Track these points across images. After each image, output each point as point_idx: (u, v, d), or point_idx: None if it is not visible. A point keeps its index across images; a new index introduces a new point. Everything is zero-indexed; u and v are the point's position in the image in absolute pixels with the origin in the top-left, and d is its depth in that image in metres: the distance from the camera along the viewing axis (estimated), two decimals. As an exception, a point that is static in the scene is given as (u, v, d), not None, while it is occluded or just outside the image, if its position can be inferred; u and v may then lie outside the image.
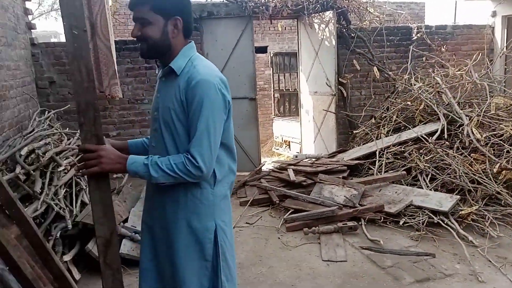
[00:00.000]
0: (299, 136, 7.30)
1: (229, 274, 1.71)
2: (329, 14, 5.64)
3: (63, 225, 3.37)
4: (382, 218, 4.01)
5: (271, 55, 9.90)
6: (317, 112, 6.19)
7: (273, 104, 10.21)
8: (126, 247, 3.40)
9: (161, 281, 1.74)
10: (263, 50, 10.01)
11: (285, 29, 8.29)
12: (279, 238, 3.83)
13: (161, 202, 1.66)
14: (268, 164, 6.34)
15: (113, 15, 5.40)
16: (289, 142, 9.13)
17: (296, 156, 5.85)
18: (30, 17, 5.26)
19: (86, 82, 1.45)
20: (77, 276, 3.21)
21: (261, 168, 5.67)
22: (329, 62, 5.80)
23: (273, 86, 10.05)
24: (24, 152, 3.27)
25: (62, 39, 9.13)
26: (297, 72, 9.89)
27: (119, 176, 4.60)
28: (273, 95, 10.11)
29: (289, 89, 10.11)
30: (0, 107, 3.76)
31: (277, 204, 4.50)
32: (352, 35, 6.00)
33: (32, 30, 5.28)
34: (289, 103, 10.11)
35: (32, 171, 3.24)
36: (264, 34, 10.72)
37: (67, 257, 3.12)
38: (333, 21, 5.58)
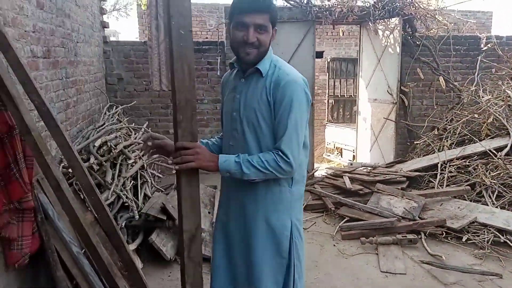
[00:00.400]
0: (353, 143, 7.18)
1: (301, 272, 1.74)
2: (394, 20, 5.51)
3: (128, 215, 3.53)
4: (444, 233, 3.86)
5: (328, 60, 9.81)
6: (376, 120, 6.06)
7: (326, 110, 10.10)
8: (186, 242, 3.50)
9: (232, 278, 1.78)
10: (319, 55, 9.93)
11: (342, 35, 8.18)
12: (334, 245, 3.79)
13: (240, 200, 1.70)
14: (321, 170, 6.28)
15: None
16: (341, 149, 8.99)
17: (351, 164, 5.75)
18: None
19: (187, 81, 1.50)
20: (140, 265, 3.34)
21: (313, 173, 5.63)
22: (392, 69, 5.66)
23: (328, 91, 9.95)
24: (97, 143, 3.46)
25: (121, 38, 9.46)
26: (353, 78, 9.79)
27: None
28: (327, 100, 10.00)
29: (344, 95, 9.97)
30: (77, 100, 4.01)
31: (331, 211, 4.45)
32: (417, 43, 5.83)
33: (104, 28, 5.59)
34: (343, 110, 9.97)
35: (104, 162, 3.42)
36: (321, 39, 10.64)
37: (131, 246, 3.26)
38: (398, 28, 5.45)
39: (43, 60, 3.07)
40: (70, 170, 3.01)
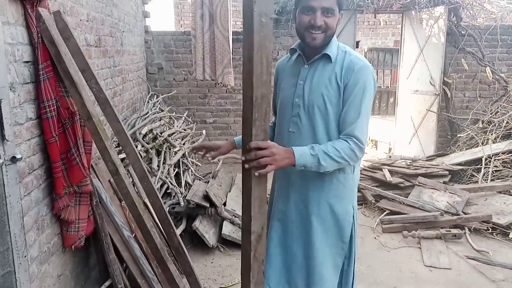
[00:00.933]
0: (389, 135, 7.03)
1: (356, 253, 1.77)
2: (439, 9, 5.33)
3: (171, 202, 3.62)
4: (489, 229, 3.75)
5: (365, 50, 9.63)
6: (416, 112, 5.91)
7: (361, 101, 9.95)
8: (227, 229, 3.56)
9: (286, 266, 1.79)
10: (355, 45, 9.77)
11: (385, 24, 8.00)
12: (375, 238, 3.76)
13: (303, 188, 1.70)
14: (358, 161, 6.20)
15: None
16: (376, 141, 8.84)
17: (390, 156, 5.66)
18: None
19: (265, 75, 1.40)
20: (183, 250, 3.42)
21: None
22: (435, 60, 5.50)
23: (363, 82, 9.78)
24: (144, 131, 3.55)
25: (153, 28, 9.44)
26: (390, 69, 9.57)
27: (214, 160, 4.79)
28: (363, 92, 9.84)
29: (380, 86, 9.77)
30: (122, 89, 4.10)
31: (371, 203, 4.40)
32: (462, 32, 5.62)
33: (146, 18, 5.67)
34: (379, 101, 9.77)
35: (150, 149, 3.50)
36: (357, 28, 10.44)
37: (177, 232, 3.33)
38: (443, 17, 5.27)
39: (95, 48, 3.15)
40: (120, 156, 3.11)
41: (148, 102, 4.69)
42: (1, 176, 1.40)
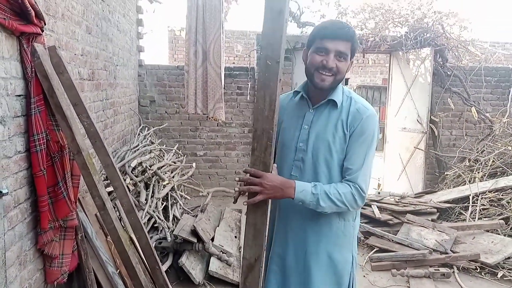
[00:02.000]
0: (379, 172, 7.10)
1: None
2: (426, 50, 5.52)
3: (158, 237, 3.56)
4: (478, 268, 3.74)
5: (354, 88, 9.85)
6: (404, 149, 6.00)
7: (351, 137, 10.08)
8: (215, 265, 3.49)
9: None
10: (345, 82, 10.01)
11: (374, 63, 8.23)
12: (364, 276, 3.72)
13: (302, 233, 1.67)
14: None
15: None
16: (365, 176, 8.92)
17: (379, 193, 5.68)
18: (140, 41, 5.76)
19: (267, 111, 1.49)
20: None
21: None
22: (422, 99, 5.64)
23: (353, 118, 9.94)
24: (133, 164, 3.54)
25: (147, 62, 9.63)
26: (379, 106, 9.77)
27: (203, 194, 4.77)
28: (352, 127, 9.99)
29: (369, 123, 9.94)
30: (113, 121, 4.12)
31: (360, 240, 4.38)
32: (448, 73, 5.81)
33: (140, 52, 5.77)
34: (378, 134, 9.91)
35: (138, 183, 3.48)
36: (347, 66, 10.73)
37: (163, 269, 3.27)
38: (429, 58, 5.45)
39: (88, 82, 3.19)
40: (107, 189, 3.09)
41: (139, 134, 4.70)
42: (-14, 211, 1.39)
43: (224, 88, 5.81)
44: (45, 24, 2.05)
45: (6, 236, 1.80)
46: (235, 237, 4.23)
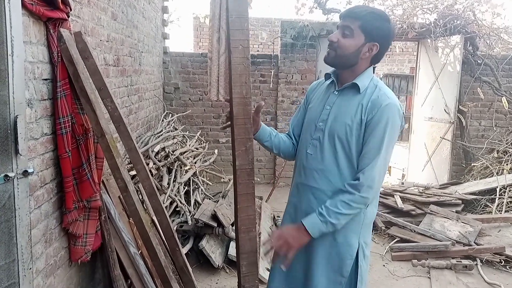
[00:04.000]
0: (404, 162, 6.98)
1: None
2: (456, 38, 5.35)
3: (179, 220, 3.64)
4: (502, 261, 3.66)
5: (381, 76, 9.66)
6: (430, 139, 5.87)
7: (376, 126, 9.91)
8: (234, 250, 3.55)
9: (288, 283, 1.79)
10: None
11: (402, 51, 8.04)
12: (384, 265, 3.70)
13: (311, 211, 1.68)
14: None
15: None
16: (390, 167, 8.77)
17: (403, 183, 5.60)
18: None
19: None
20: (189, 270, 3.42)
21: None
22: (450, 88, 5.49)
23: (379, 108, 9.76)
24: (156, 149, 3.61)
25: (172, 48, 9.73)
26: (406, 96, 9.56)
27: (225, 180, 4.81)
28: (378, 117, 9.81)
29: (395, 112, 9.75)
30: (138, 107, 4.20)
31: (381, 230, 4.35)
32: (478, 61, 5.62)
33: (165, 39, 5.84)
34: (402, 126, 9.73)
35: (161, 167, 3.56)
36: (374, 54, 10.53)
37: (183, 251, 3.35)
38: (459, 46, 5.28)
39: (113, 68, 3.26)
40: (131, 172, 3.17)
41: (162, 120, 4.78)
42: (12, 189, 1.45)
43: (247, 75, 5.83)
44: (71, 10, 2.10)
45: (32, 214, 1.88)
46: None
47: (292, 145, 1.90)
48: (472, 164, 5.46)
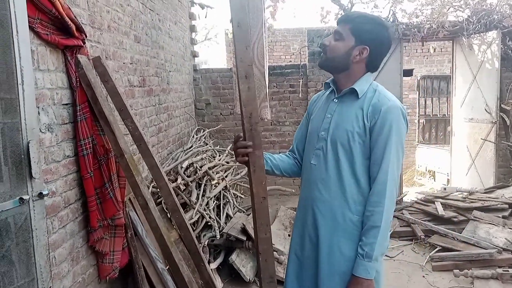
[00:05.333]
0: (447, 166, 6.66)
1: None
2: (492, 34, 5.09)
3: (211, 235, 3.66)
4: (556, 270, 3.37)
5: (418, 78, 9.33)
6: (472, 141, 5.58)
7: (417, 130, 9.55)
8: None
9: None
10: (408, 73, 9.49)
11: (434, 51, 7.75)
12: (423, 276, 3.52)
13: (316, 225, 1.66)
14: (410, 194, 5.92)
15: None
16: (433, 172, 8.40)
17: (445, 189, 5.34)
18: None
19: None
20: (220, 285, 3.41)
21: (402, 198, 5.32)
22: (489, 86, 5.21)
23: (419, 111, 9.42)
24: (185, 165, 3.67)
25: (211, 65, 10.03)
26: (447, 97, 9.16)
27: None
28: (418, 120, 9.47)
29: (436, 115, 9.37)
30: (168, 124, 4.31)
31: (421, 239, 4.15)
32: (519, 56, 5.30)
33: (194, 57, 5.98)
34: (435, 130, 9.35)
35: (190, 182, 3.61)
36: (410, 56, 10.19)
37: (213, 265, 3.36)
38: (497, 41, 5.01)
39: (139, 88, 3.37)
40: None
41: (193, 136, 4.87)
42: (28, 211, 1.52)
43: (275, 87, 5.84)
44: (86, 37, 2.20)
45: (57, 234, 1.96)
46: (289, 235, 4.22)
47: (294, 162, 1.87)
48: (519, 165, 5.12)
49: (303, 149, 1.82)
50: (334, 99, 1.68)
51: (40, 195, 1.56)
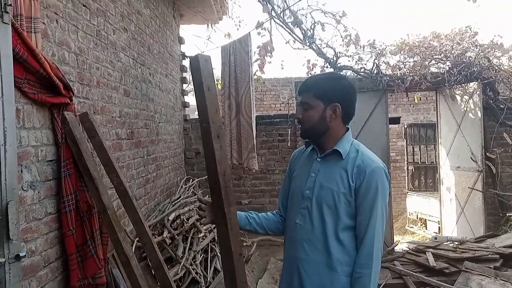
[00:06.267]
0: (438, 214, 6.66)
1: None
2: (473, 85, 5.27)
3: (197, 290, 3.54)
4: (551, 324, 3.30)
5: (405, 126, 9.52)
6: (460, 189, 5.61)
7: (406, 178, 9.61)
8: (254, 320, 3.39)
9: None
10: (395, 121, 9.72)
11: (420, 100, 7.98)
12: (417, 332, 3.41)
13: (302, 284, 1.63)
14: (401, 244, 5.85)
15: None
16: (425, 220, 8.37)
17: (436, 238, 5.30)
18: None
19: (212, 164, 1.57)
20: None
21: (393, 248, 5.25)
22: (474, 135, 5.32)
23: (407, 158, 9.53)
24: (171, 217, 3.62)
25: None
26: (434, 145, 9.30)
27: (248, 244, 4.72)
28: (407, 167, 9.55)
29: (425, 162, 9.47)
30: (156, 175, 4.29)
31: (414, 291, 4.06)
32: (501, 106, 5.47)
33: (185, 108, 6.07)
34: (425, 177, 9.41)
35: (176, 236, 3.54)
36: (397, 105, 10.45)
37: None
38: (478, 92, 5.19)
39: (127, 141, 3.38)
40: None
41: (181, 186, 4.84)
42: (4, 274, 1.48)
43: (265, 136, 5.90)
44: (73, 94, 2.23)
45: (35, 295, 1.89)
46: (278, 289, 4.10)
47: (279, 219, 1.86)
48: (508, 214, 5.13)
49: None
50: (317, 158, 1.69)
51: (17, 257, 1.52)
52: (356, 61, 5.49)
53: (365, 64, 5.54)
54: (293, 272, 1.67)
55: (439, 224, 6.80)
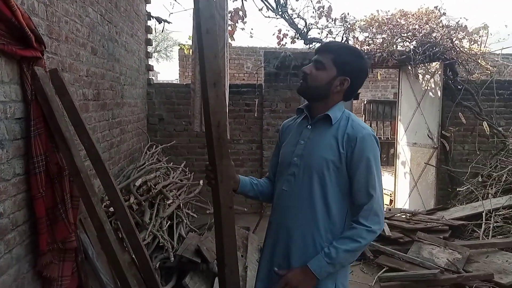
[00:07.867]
0: (390, 187, 6.99)
1: None
2: (435, 65, 5.47)
3: (162, 256, 3.53)
4: (492, 289, 3.61)
5: (364, 102, 9.79)
6: (415, 165, 5.90)
7: (362, 152, 9.98)
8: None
9: None
10: (355, 96, 9.98)
11: (379, 78, 8.21)
12: (373, 296, 3.62)
13: (287, 250, 1.65)
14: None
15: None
16: (378, 192, 8.78)
17: (390, 209, 5.57)
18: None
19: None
20: (173, 308, 3.30)
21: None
22: (432, 113, 5.57)
23: (364, 133, 9.86)
24: (138, 183, 3.54)
25: (160, 78, 9.87)
26: (390, 121, 9.67)
27: (211, 211, 4.73)
28: (364, 142, 9.89)
29: (380, 137, 9.84)
30: (120, 140, 4.15)
31: (370, 259, 4.28)
32: (458, 87, 5.73)
33: (149, 71, 5.85)
34: (380, 152, 9.81)
35: (143, 202, 3.48)
36: (357, 81, 10.72)
37: (165, 289, 3.24)
38: (439, 72, 5.39)
39: (93, 102, 3.23)
40: (111, 209, 3.09)
41: (146, 152, 4.72)
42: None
43: (231, 105, 5.83)
44: (45, 48, 2.08)
45: (2, 259, 1.80)
46: (242, 256, 4.17)
47: (272, 188, 1.87)
48: (458, 189, 5.48)
49: None
50: (308, 126, 1.69)
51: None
52: (326, 34, 5.50)
53: (334, 38, 5.57)
54: (279, 238, 1.70)
55: (390, 197, 7.15)
